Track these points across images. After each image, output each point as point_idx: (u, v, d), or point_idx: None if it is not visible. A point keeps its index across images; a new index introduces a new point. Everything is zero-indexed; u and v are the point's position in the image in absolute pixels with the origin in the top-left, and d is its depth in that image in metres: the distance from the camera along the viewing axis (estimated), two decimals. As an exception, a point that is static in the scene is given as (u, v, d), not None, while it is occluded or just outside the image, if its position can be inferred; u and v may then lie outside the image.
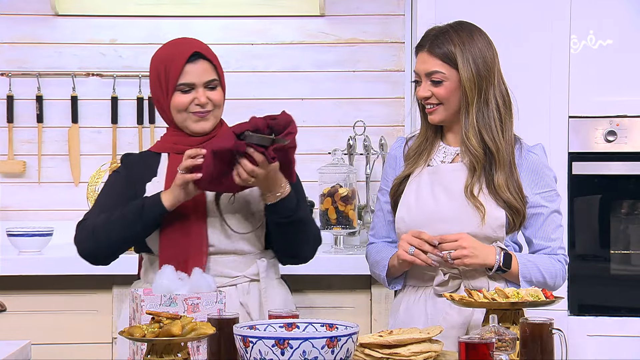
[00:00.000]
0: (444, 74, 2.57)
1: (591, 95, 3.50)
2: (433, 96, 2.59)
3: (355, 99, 4.05)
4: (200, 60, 2.62)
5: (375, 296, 3.46)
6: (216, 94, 2.64)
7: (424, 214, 2.59)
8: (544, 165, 2.61)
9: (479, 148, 2.55)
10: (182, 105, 2.61)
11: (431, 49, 2.59)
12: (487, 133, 2.55)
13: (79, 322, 3.46)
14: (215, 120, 2.66)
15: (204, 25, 4.05)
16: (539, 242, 2.60)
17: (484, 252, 2.50)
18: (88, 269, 3.41)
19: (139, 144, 4.03)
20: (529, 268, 2.55)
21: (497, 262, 2.51)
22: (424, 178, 2.62)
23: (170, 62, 2.61)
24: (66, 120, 4.04)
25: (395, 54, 4.04)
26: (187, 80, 2.60)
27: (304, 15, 4.03)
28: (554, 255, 2.59)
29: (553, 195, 2.61)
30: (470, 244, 2.49)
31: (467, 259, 2.48)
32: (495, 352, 2.02)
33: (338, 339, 1.96)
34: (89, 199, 3.74)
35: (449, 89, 2.57)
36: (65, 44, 4.05)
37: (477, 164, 2.55)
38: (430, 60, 2.58)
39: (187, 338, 2.02)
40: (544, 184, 2.60)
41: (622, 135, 3.49)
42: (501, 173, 2.55)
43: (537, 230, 2.59)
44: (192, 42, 2.68)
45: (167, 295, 2.27)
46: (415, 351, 2.17)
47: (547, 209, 2.59)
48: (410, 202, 2.62)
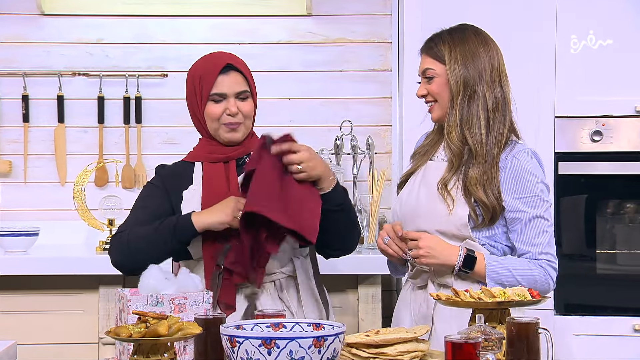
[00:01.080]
0: (434, 70, 2.64)
1: (577, 95, 3.51)
2: (428, 94, 2.67)
3: (343, 99, 4.05)
4: (232, 72, 2.72)
5: (363, 296, 3.46)
6: (246, 105, 2.73)
7: (408, 209, 2.67)
8: (525, 170, 2.58)
9: (458, 143, 2.59)
10: (214, 114, 2.71)
11: (425, 49, 2.69)
12: (468, 130, 2.58)
13: (65, 322, 3.45)
14: (246, 130, 2.76)
15: (192, 25, 4.05)
16: (520, 246, 2.60)
17: (444, 252, 2.55)
18: (74, 269, 3.43)
19: (126, 143, 4.02)
20: (498, 270, 2.54)
21: (457, 263, 2.54)
22: (419, 175, 2.70)
23: (205, 74, 2.72)
24: (52, 119, 4.03)
25: (382, 54, 4.04)
26: (219, 90, 2.71)
27: (292, 15, 4.03)
28: (535, 260, 2.58)
29: (536, 200, 2.58)
30: (427, 244, 2.55)
31: (423, 259, 2.55)
32: (482, 352, 2.03)
33: (325, 339, 1.96)
34: (75, 198, 3.74)
35: (439, 84, 2.64)
36: (52, 43, 4.03)
37: (454, 159, 2.59)
38: (425, 60, 2.68)
39: (174, 338, 2.02)
40: (525, 189, 2.58)
41: (607, 135, 3.51)
42: (476, 169, 2.56)
43: (518, 235, 2.59)
44: (225, 55, 2.79)
45: (153, 295, 2.27)
46: (402, 350, 2.17)
47: (527, 214, 2.57)
48: (403, 197, 2.71)
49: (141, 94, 4.03)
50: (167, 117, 4.04)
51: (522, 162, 2.59)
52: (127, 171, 4.03)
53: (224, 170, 2.74)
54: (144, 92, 4.04)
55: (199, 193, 2.71)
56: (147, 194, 2.79)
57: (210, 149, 2.77)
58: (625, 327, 3.47)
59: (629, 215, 3.59)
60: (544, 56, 3.51)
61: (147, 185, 2.83)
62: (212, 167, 2.74)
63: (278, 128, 3.03)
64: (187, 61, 3.98)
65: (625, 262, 3.55)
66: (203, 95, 2.71)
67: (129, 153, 4.03)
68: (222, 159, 2.75)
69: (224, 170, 2.74)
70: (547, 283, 2.59)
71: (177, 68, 4.04)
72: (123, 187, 4.01)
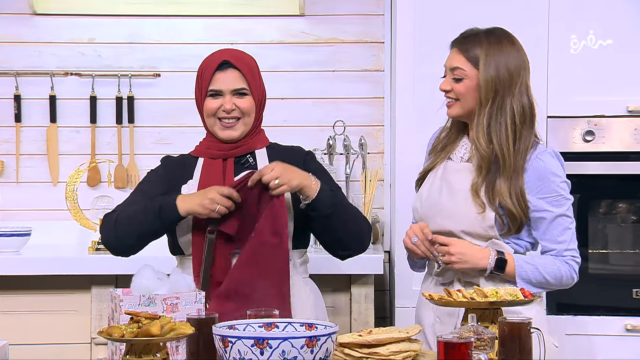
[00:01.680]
0: (464, 71, 2.66)
1: (569, 96, 3.52)
2: (452, 91, 2.68)
3: (335, 99, 4.05)
4: (230, 69, 2.72)
5: (355, 296, 3.46)
6: (244, 101, 2.73)
7: (429, 207, 2.70)
8: (549, 171, 2.64)
9: (487, 149, 2.62)
10: (210, 110, 2.72)
11: (459, 47, 2.69)
12: (496, 138, 2.62)
13: (57, 322, 3.44)
14: (245, 127, 2.75)
15: (184, 24, 4.05)
16: (545, 244, 2.66)
17: (475, 256, 2.59)
18: (66, 269, 3.42)
19: (118, 143, 4.01)
20: (527, 270, 2.60)
21: (489, 266, 2.59)
22: (439, 173, 2.73)
23: (204, 69, 2.74)
24: (45, 119, 4.02)
25: (375, 54, 4.04)
26: (216, 87, 2.72)
27: (284, 15, 4.03)
28: (560, 257, 2.64)
29: (560, 199, 2.64)
30: (459, 250, 2.59)
31: (456, 265, 2.60)
32: (474, 352, 2.03)
33: (317, 339, 1.96)
34: (68, 198, 3.73)
35: (467, 87, 2.65)
36: (44, 43, 4.03)
37: (483, 163, 2.62)
38: (456, 57, 2.68)
39: (166, 338, 2.02)
40: (549, 189, 2.64)
41: (600, 135, 3.52)
42: (504, 180, 2.61)
43: (543, 233, 2.65)
44: (226, 52, 2.78)
45: (146, 295, 2.27)
46: (394, 350, 2.17)
47: (552, 213, 2.63)
48: (423, 194, 2.74)
49: (134, 94, 4.03)
50: (160, 117, 4.04)
51: (545, 164, 2.64)
52: (119, 171, 4.02)
53: (221, 168, 2.73)
54: (136, 92, 4.03)
55: (196, 188, 2.71)
56: (147, 179, 2.81)
57: (209, 145, 2.78)
58: (617, 327, 3.48)
59: (621, 215, 3.59)
60: (537, 56, 3.50)
61: (150, 172, 2.84)
62: (210, 164, 2.75)
63: (271, 128, 3.03)
64: (179, 61, 4.02)
65: (617, 262, 3.56)
66: (202, 91, 2.73)
67: (122, 153, 4.02)
68: (220, 155, 2.75)
69: (221, 167, 2.73)
70: (572, 277, 2.66)
71: (169, 68, 4.03)
72: (115, 187, 4.01)
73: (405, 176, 3.54)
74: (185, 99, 3.76)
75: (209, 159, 2.76)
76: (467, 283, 2.64)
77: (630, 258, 3.57)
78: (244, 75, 2.73)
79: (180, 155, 2.85)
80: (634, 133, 3.51)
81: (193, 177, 2.75)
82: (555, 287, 2.66)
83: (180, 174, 2.77)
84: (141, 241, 2.69)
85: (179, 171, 2.78)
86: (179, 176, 2.76)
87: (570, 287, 2.69)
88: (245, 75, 2.73)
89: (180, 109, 3.99)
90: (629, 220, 3.58)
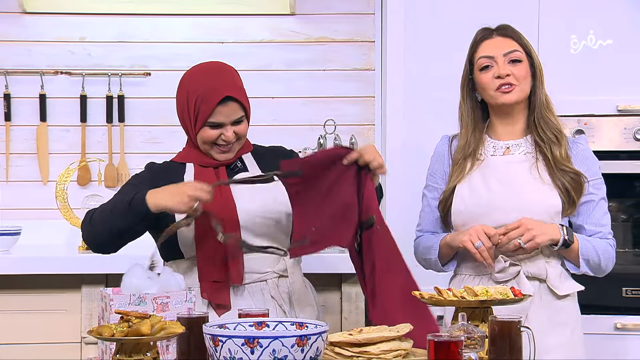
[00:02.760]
0: (520, 53, 2.70)
1: (559, 95, 3.52)
2: (512, 75, 2.69)
3: (326, 98, 4.05)
4: (230, 102, 2.70)
5: (346, 295, 3.46)
6: (242, 128, 2.74)
7: (480, 205, 2.68)
8: (591, 154, 2.73)
9: (549, 129, 2.68)
10: (209, 138, 2.71)
11: (505, 34, 2.73)
12: (550, 113, 2.70)
13: (47, 322, 3.43)
14: (239, 146, 2.78)
15: (174, 23, 4.04)
16: (590, 227, 2.69)
17: (549, 229, 2.61)
18: (56, 268, 3.42)
19: (109, 142, 4.01)
20: (587, 248, 2.65)
21: (562, 235, 2.61)
22: (475, 173, 2.72)
23: (201, 101, 2.68)
24: (34, 118, 4.01)
25: (365, 53, 4.04)
26: (217, 120, 2.70)
27: (274, 14, 4.03)
28: (606, 239, 2.69)
29: (600, 183, 2.71)
30: (535, 225, 2.59)
31: (538, 238, 2.59)
32: (464, 350, 2.03)
33: (308, 338, 1.96)
34: (58, 198, 3.72)
35: (525, 69, 2.70)
36: (34, 42, 4.02)
37: (544, 145, 2.67)
38: (507, 41, 2.72)
39: (156, 337, 2.01)
40: (593, 172, 2.70)
41: (589, 134, 3.52)
42: (562, 147, 2.67)
43: (588, 217, 2.69)
44: (224, 82, 2.72)
45: (136, 294, 2.27)
46: (384, 349, 2.18)
47: (597, 196, 2.70)
48: (464, 195, 2.71)
49: (124, 93, 4.02)
50: (150, 116, 4.03)
51: (585, 147, 2.74)
52: (109, 170, 4.01)
53: (214, 175, 2.74)
54: (126, 91, 4.02)
55: None
56: (131, 181, 2.78)
57: (200, 154, 2.77)
58: (607, 326, 3.49)
59: (611, 214, 3.58)
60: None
61: (134, 176, 2.81)
62: (203, 171, 2.74)
63: (261, 127, 3.03)
64: (169, 60, 4.01)
65: (607, 260, 3.57)
66: (198, 120, 2.69)
67: (112, 152, 4.02)
68: (213, 164, 2.76)
69: (214, 174, 2.74)
70: (614, 262, 2.72)
71: (160, 67, 4.03)
72: (106, 186, 4.00)
73: (396, 175, 3.54)
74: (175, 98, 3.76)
75: (199, 166, 2.75)
76: (531, 279, 2.63)
77: (620, 257, 3.56)
78: (242, 104, 2.72)
79: (164, 162, 2.84)
80: (623, 132, 3.52)
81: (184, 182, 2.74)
82: (602, 271, 2.70)
83: (167, 180, 2.72)
84: (116, 238, 2.63)
85: (167, 177, 2.75)
86: (166, 181, 2.71)
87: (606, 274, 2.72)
88: (243, 103, 2.72)
89: (170, 108, 3.92)
90: (619, 219, 3.59)
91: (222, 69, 2.76)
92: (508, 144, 2.73)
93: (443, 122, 2.91)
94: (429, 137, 3.01)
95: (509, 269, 2.65)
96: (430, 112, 3.48)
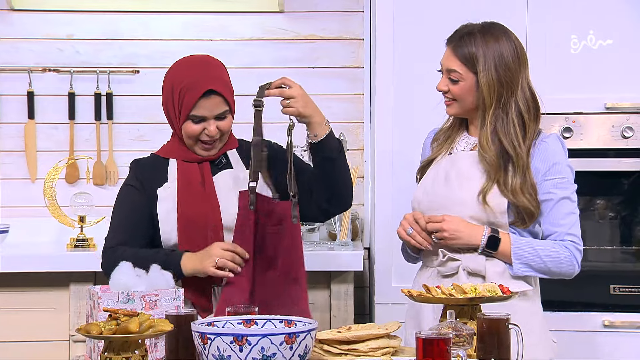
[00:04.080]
0: (460, 74, 2.63)
1: (547, 93, 3.53)
2: (449, 92, 2.67)
3: (315, 96, 3.98)
4: (213, 96, 2.70)
5: (335, 293, 3.46)
6: (225, 123, 2.74)
7: (436, 198, 2.68)
8: (555, 153, 2.64)
9: (494, 157, 2.60)
10: (192, 133, 2.71)
11: (455, 48, 2.65)
12: (505, 139, 2.61)
13: (35, 320, 3.42)
14: (222, 144, 2.78)
15: (162, 21, 4.03)
16: (546, 227, 2.63)
17: (469, 233, 2.58)
18: (44, 266, 3.41)
19: (97, 140, 4.00)
20: (524, 250, 2.58)
21: (482, 243, 2.58)
22: (442, 164, 2.71)
23: (185, 92, 2.69)
24: (22, 116, 3.99)
25: (354, 51, 4.04)
26: (200, 113, 2.69)
27: (263, 12, 4.02)
28: (560, 240, 2.61)
29: (565, 182, 2.64)
30: (451, 227, 2.58)
31: (448, 241, 2.59)
32: (453, 348, 2.03)
33: (296, 335, 1.96)
34: (46, 195, 3.71)
35: (463, 89, 2.64)
36: (21, 39, 4.00)
37: (492, 170, 2.61)
38: (452, 59, 2.65)
39: (145, 335, 2.01)
40: (555, 171, 2.63)
41: (577, 132, 3.53)
42: (518, 178, 2.59)
43: (546, 216, 2.63)
44: (209, 75, 2.72)
45: (124, 292, 2.26)
46: (373, 347, 2.18)
47: (557, 195, 2.62)
48: (427, 185, 2.72)
49: (112, 90, 4.01)
50: (139, 114, 4.02)
51: (551, 146, 2.64)
52: (98, 168, 4.00)
53: (198, 170, 2.73)
54: (115, 89, 4.02)
55: (174, 192, 2.71)
56: (124, 197, 2.77)
57: (184, 149, 2.77)
58: (594, 323, 3.50)
59: (599, 211, 3.61)
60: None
61: (123, 188, 2.80)
62: (186, 166, 2.74)
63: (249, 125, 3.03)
64: (158, 57, 4.01)
65: (595, 258, 3.58)
66: (182, 112, 2.70)
67: (100, 149, 4.01)
68: (196, 159, 2.76)
69: (198, 170, 2.74)
70: (572, 265, 2.63)
71: (148, 64, 4.02)
72: (94, 183, 3.99)
73: (385, 173, 3.54)
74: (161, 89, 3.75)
75: (182, 162, 2.75)
76: (471, 274, 2.61)
77: (608, 254, 3.59)
78: (226, 98, 2.72)
79: (149, 157, 2.84)
80: (611, 130, 3.53)
81: (168, 180, 2.74)
82: (555, 273, 2.62)
83: (153, 177, 2.75)
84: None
85: (151, 174, 2.76)
86: (151, 178, 2.75)
87: (571, 277, 2.66)
88: (227, 98, 2.72)
89: (159, 106, 3.92)
90: (606, 216, 3.60)
91: (209, 62, 2.76)
92: (477, 141, 2.70)
93: (432, 119, 2.90)
94: (417, 135, 3.01)
95: (448, 264, 2.64)
96: (419, 109, 3.48)
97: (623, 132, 3.52)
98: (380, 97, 3.59)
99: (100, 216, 3.68)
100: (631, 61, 3.51)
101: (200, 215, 2.67)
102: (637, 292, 3.52)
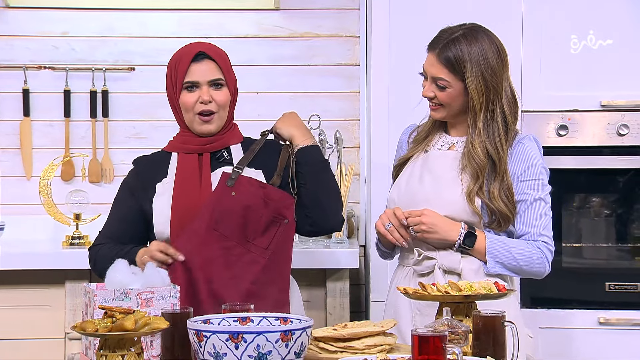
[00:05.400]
0: (448, 82, 2.62)
1: (543, 90, 3.54)
2: (436, 97, 2.66)
3: (311, 93, 4.05)
4: (205, 60, 2.72)
5: (330, 290, 3.47)
6: (220, 94, 2.73)
7: (410, 196, 2.69)
8: (530, 155, 2.65)
9: (484, 158, 2.61)
10: (188, 104, 2.71)
11: (440, 55, 2.62)
12: (491, 144, 2.62)
13: (31, 318, 3.42)
14: (220, 121, 2.75)
15: (158, 18, 4.03)
16: (520, 227, 2.65)
17: (446, 228, 2.60)
18: (40, 264, 3.41)
19: (92, 137, 3.99)
20: (498, 249, 2.60)
21: (458, 238, 2.59)
22: (418, 163, 2.72)
23: (178, 62, 2.72)
24: (18, 113, 3.99)
25: (350, 49, 4.04)
26: (192, 78, 2.71)
27: (259, 9, 4.02)
28: (533, 241, 2.63)
29: (539, 184, 2.65)
30: (430, 221, 2.59)
31: (425, 234, 2.60)
32: (448, 345, 2.04)
33: (292, 333, 1.96)
34: (42, 193, 3.71)
35: (451, 95, 2.64)
36: (17, 36, 4.00)
37: (480, 172, 2.61)
38: (438, 66, 2.62)
39: (140, 333, 2.01)
40: (530, 172, 2.64)
41: (573, 129, 3.54)
42: (496, 183, 2.61)
43: (520, 216, 2.64)
44: (200, 44, 2.78)
45: (120, 289, 2.26)
46: (369, 344, 2.18)
47: (531, 196, 2.63)
48: (402, 184, 2.73)
49: (108, 88, 4.01)
50: (134, 111, 4.02)
51: (526, 147, 2.66)
52: (93, 165, 4.00)
53: (197, 163, 2.73)
54: (110, 86, 4.01)
55: (172, 186, 2.71)
56: (119, 197, 2.81)
57: (184, 140, 2.77)
58: (590, 320, 3.50)
59: (594, 209, 3.62)
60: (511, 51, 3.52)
61: (121, 186, 2.83)
62: (186, 159, 2.74)
63: (246, 122, 3.03)
64: (154, 55, 4.00)
65: (591, 255, 3.59)
66: (177, 84, 2.72)
67: (96, 147, 4.00)
68: (196, 150, 2.75)
69: (197, 162, 2.73)
70: (544, 265, 2.64)
71: (144, 62, 4.01)
72: (90, 181, 3.99)
73: (381, 170, 3.54)
74: (159, 92, 3.72)
75: (183, 155, 2.75)
76: (447, 272, 2.62)
77: (603, 252, 3.60)
78: (220, 66, 2.73)
79: (152, 154, 2.84)
80: (607, 127, 3.53)
81: (167, 174, 2.75)
82: (527, 273, 2.64)
83: (153, 173, 2.76)
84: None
85: (152, 170, 2.77)
86: (152, 176, 2.76)
87: (542, 277, 2.68)
88: (221, 66, 2.73)
89: (154, 103, 3.97)
90: (602, 214, 3.61)
91: (207, 43, 2.82)
92: (454, 140, 2.71)
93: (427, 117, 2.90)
94: (413, 133, 3.01)
95: (424, 262, 2.65)
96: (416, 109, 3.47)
97: (618, 129, 3.52)
98: (376, 94, 3.59)
99: (96, 214, 3.68)
100: (627, 59, 3.52)
101: (193, 209, 2.66)
102: (632, 289, 3.53)
